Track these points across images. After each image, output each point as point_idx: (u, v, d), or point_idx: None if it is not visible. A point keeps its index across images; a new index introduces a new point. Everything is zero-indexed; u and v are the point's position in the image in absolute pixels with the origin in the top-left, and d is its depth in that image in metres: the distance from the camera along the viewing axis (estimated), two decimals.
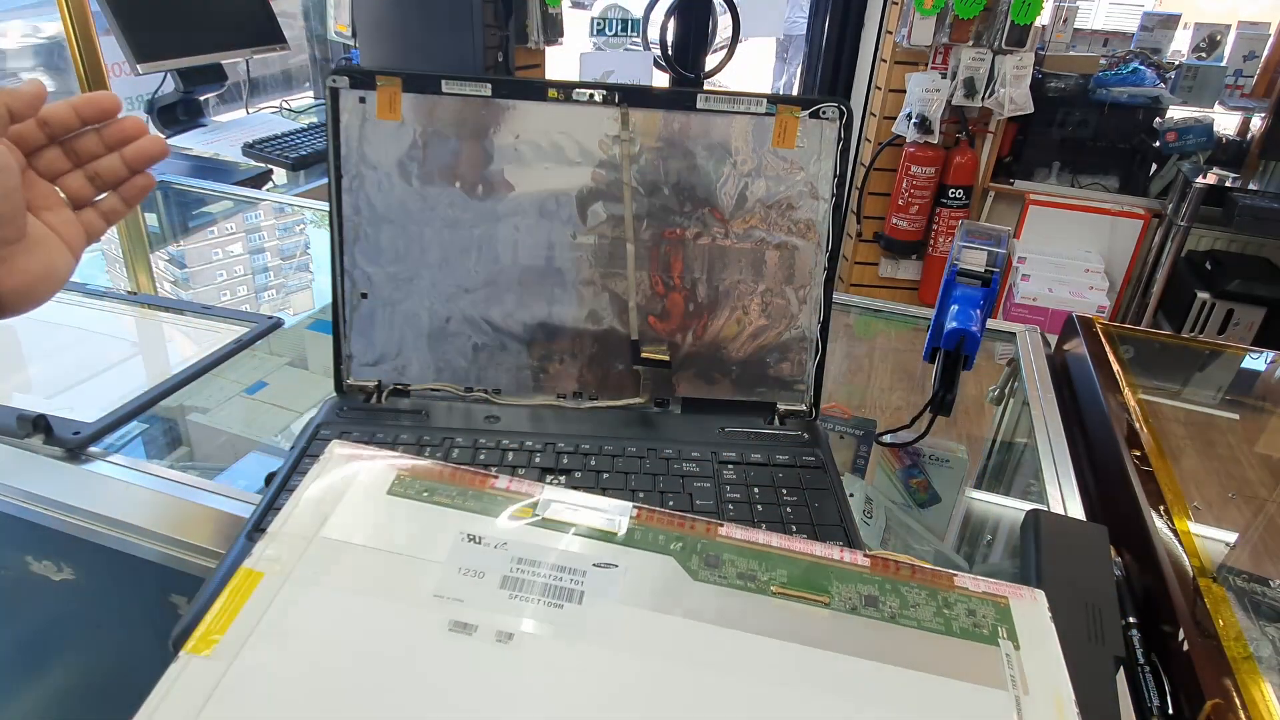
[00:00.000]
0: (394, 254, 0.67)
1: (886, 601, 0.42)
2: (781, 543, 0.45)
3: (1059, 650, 0.40)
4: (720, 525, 0.45)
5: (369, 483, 0.45)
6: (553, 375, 0.70)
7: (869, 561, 0.44)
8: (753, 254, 0.68)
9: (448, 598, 0.39)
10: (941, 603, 0.42)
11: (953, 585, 0.43)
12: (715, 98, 0.64)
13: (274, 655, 0.35)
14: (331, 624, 0.37)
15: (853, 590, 0.42)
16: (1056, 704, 0.37)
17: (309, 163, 1.78)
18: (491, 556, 0.41)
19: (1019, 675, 0.39)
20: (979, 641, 0.40)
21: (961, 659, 0.39)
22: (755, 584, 0.42)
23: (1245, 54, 2.78)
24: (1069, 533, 0.60)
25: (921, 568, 0.44)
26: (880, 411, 0.94)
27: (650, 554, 0.43)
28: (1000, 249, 0.73)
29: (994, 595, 0.43)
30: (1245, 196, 2.50)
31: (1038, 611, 0.42)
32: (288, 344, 0.99)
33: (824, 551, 0.44)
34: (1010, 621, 0.42)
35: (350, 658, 0.36)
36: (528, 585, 0.40)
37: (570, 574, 0.41)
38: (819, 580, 0.43)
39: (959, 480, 0.79)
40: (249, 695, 0.34)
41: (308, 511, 0.42)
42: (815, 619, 0.40)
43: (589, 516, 0.44)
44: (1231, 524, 0.71)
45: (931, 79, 2.65)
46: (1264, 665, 0.52)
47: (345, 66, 1.69)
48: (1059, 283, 2.75)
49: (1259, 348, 1.09)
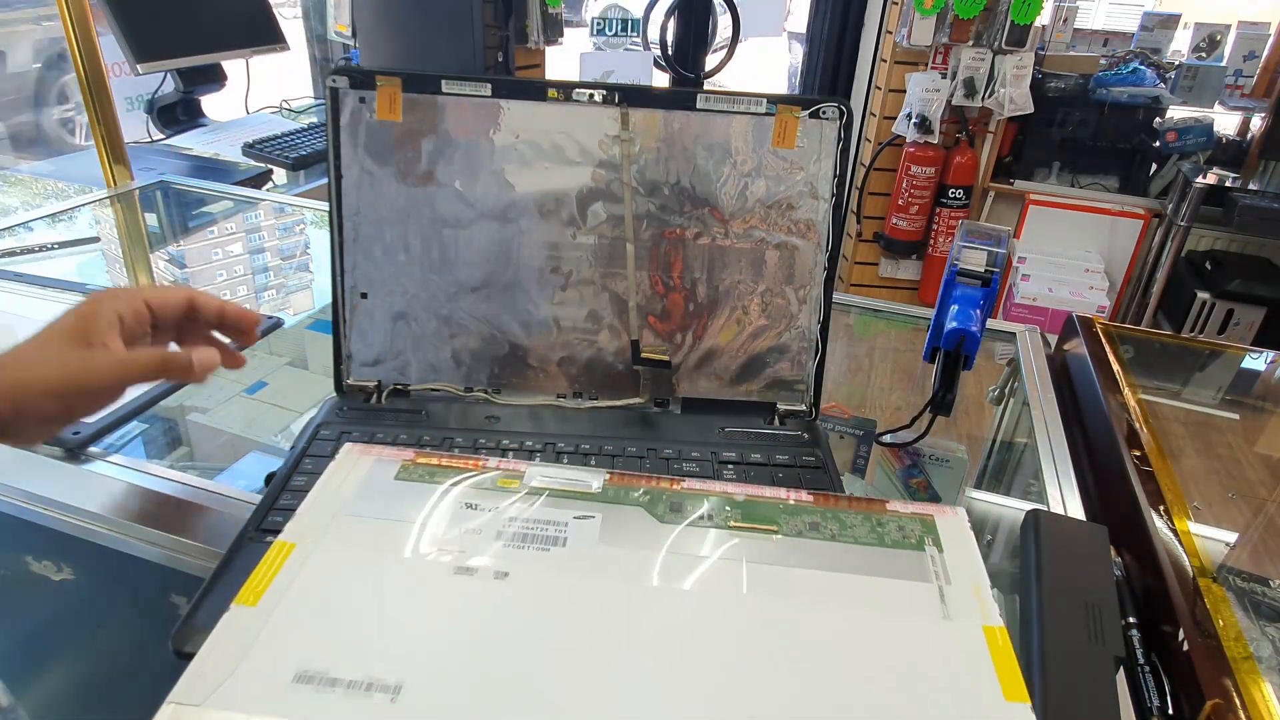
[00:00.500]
0: (394, 254, 0.67)
1: (827, 526, 0.50)
2: (735, 489, 0.52)
3: (977, 551, 0.48)
4: (682, 480, 0.53)
5: (379, 471, 0.52)
6: (553, 375, 0.70)
7: (812, 498, 0.52)
8: (753, 254, 0.68)
9: (452, 550, 0.46)
10: (875, 523, 0.50)
11: (885, 510, 0.51)
12: (715, 98, 0.64)
13: (309, 601, 0.42)
14: (356, 576, 0.44)
15: (798, 520, 0.50)
16: (974, 590, 0.45)
17: (309, 163, 1.78)
18: (487, 518, 0.49)
19: (942, 571, 0.47)
20: (908, 549, 0.48)
21: (893, 563, 0.47)
22: (713, 522, 0.49)
23: (1245, 54, 2.78)
24: (1069, 533, 0.60)
25: (857, 498, 0.52)
26: (880, 411, 0.94)
27: (622, 506, 0.50)
28: (1000, 249, 0.73)
29: (920, 514, 0.51)
30: (1245, 196, 2.50)
31: (958, 523, 0.50)
32: (288, 344, 0.99)
33: (772, 493, 0.52)
34: (935, 533, 0.49)
35: (373, 599, 0.42)
36: (519, 536, 0.47)
37: (554, 525, 0.48)
38: (769, 515, 0.50)
39: (959, 480, 0.79)
40: (290, 633, 0.40)
41: (327, 496, 0.50)
42: (767, 544, 0.48)
43: (568, 483, 0.52)
44: (1231, 524, 0.71)
45: (931, 79, 2.65)
46: (1264, 665, 0.52)
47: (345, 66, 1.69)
48: (1059, 283, 2.75)
49: (1259, 348, 1.09)
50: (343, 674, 0.38)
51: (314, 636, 0.40)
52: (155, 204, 1.40)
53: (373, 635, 0.40)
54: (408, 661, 0.39)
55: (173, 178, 1.46)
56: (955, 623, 0.43)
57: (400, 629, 0.41)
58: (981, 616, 0.43)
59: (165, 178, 1.44)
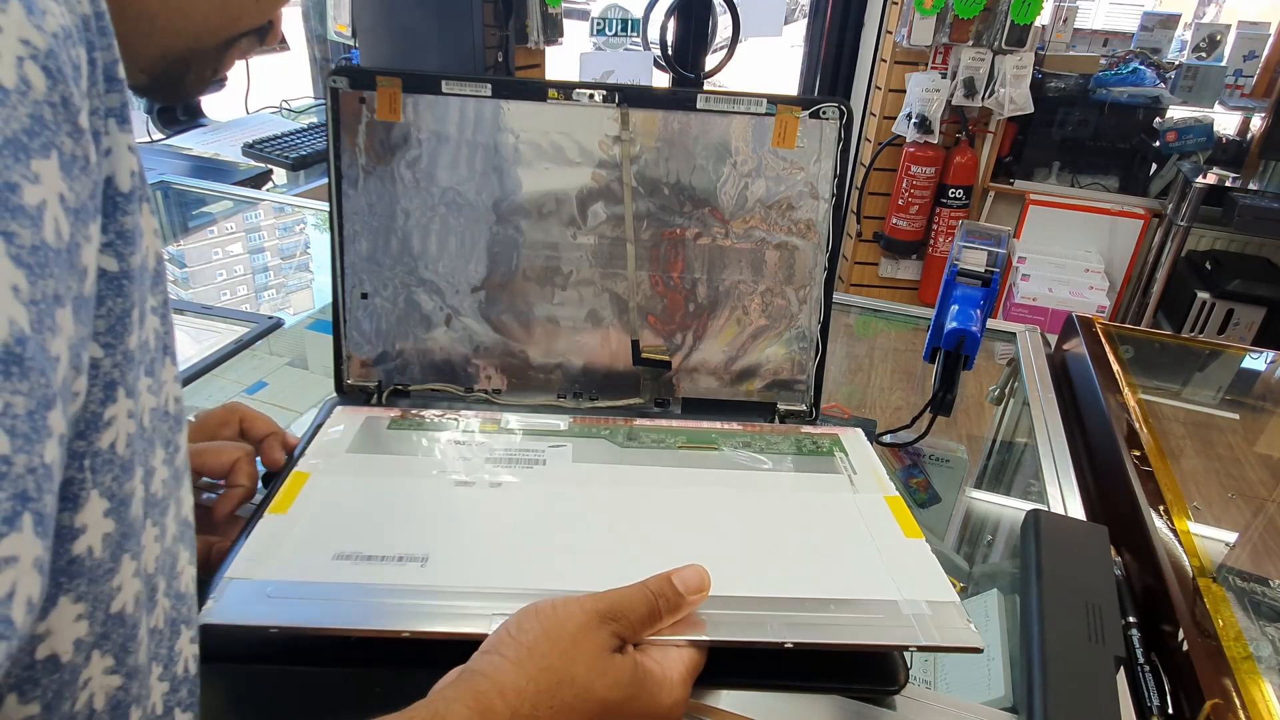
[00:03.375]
0: (394, 254, 0.67)
1: (757, 444, 0.62)
2: (681, 423, 0.65)
3: (874, 454, 0.61)
4: (636, 418, 0.65)
5: (371, 424, 0.60)
6: (553, 375, 0.70)
7: (742, 427, 0.65)
8: (753, 254, 0.68)
9: (449, 471, 0.54)
10: (795, 440, 0.64)
11: (801, 432, 0.65)
12: (715, 98, 0.64)
13: (333, 508, 0.49)
14: (368, 491, 0.51)
15: (734, 440, 0.63)
16: (875, 475, 0.58)
17: (309, 163, 1.77)
18: (475, 449, 0.58)
19: (849, 466, 0.60)
20: (822, 455, 0.62)
21: (811, 464, 0.60)
22: (664, 445, 0.61)
23: (1245, 54, 2.78)
24: (1069, 533, 0.60)
25: (780, 426, 0.67)
26: (880, 411, 0.94)
27: (588, 439, 0.61)
28: (1000, 249, 0.73)
29: (829, 434, 0.65)
30: (1245, 196, 2.50)
31: (858, 437, 0.64)
32: (288, 344, 0.99)
33: (709, 425, 0.65)
34: (841, 445, 0.63)
35: (389, 505, 0.50)
36: (504, 460, 0.56)
37: (533, 451, 0.58)
38: (710, 439, 0.63)
39: (959, 480, 0.79)
40: (323, 529, 0.47)
41: (330, 440, 0.57)
42: (708, 457, 0.60)
43: (540, 424, 0.62)
44: (1231, 524, 0.71)
45: (931, 79, 2.65)
46: (1264, 665, 0.52)
47: (345, 66, 1.69)
48: (1059, 283, 2.75)
49: (1259, 348, 1.09)
50: (376, 552, 0.44)
51: (343, 531, 0.46)
52: (155, 204, 1.40)
53: (395, 527, 0.47)
54: (429, 541, 0.46)
55: (173, 178, 1.46)
56: (862, 495, 0.56)
57: (418, 522, 0.48)
58: (882, 490, 0.56)
59: (165, 178, 1.44)
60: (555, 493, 0.52)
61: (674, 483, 0.55)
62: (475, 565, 0.44)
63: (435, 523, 0.48)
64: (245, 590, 0.40)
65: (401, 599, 0.41)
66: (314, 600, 0.40)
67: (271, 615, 0.39)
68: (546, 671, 0.36)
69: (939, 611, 0.43)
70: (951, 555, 0.79)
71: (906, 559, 0.48)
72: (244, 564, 0.42)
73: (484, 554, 0.45)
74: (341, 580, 0.41)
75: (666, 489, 0.54)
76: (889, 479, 0.57)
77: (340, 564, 0.43)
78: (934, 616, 0.43)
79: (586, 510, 0.51)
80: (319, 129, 1.94)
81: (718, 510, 0.52)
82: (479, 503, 0.50)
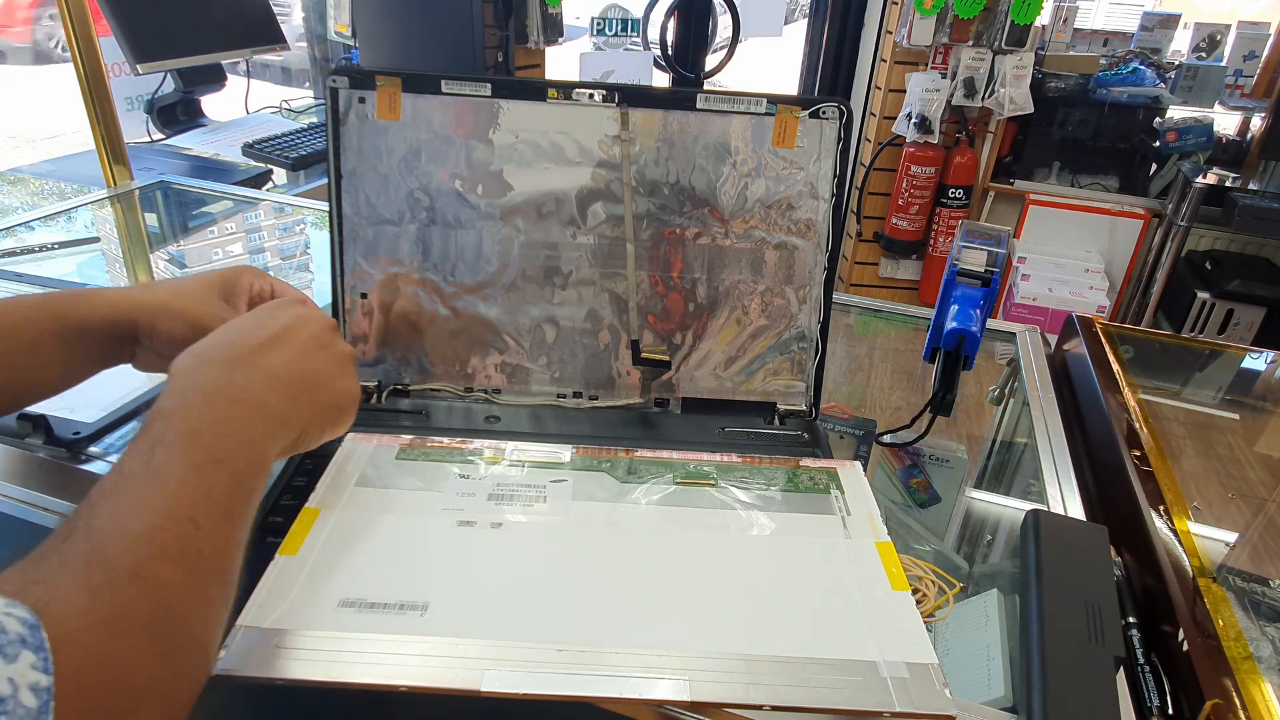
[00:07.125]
0: (394, 254, 0.67)
1: (755, 479, 0.62)
2: (680, 455, 0.63)
3: (870, 493, 0.61)
4: (636, 450, 0.63)
5: (381, 454, 0.61)
6: (553, 375, 0.70)
7: (741, 459, 0.64)
8: (752, 254, 0.68)
9: (452, 509, 0.56)
10: (791, 474, 0.63)
11: (799, 465, 0.64)
12: (715, 98, 0.64)
13: (339, 550, 0.51)
14: (375, 530, 0.53)
15: (732, 475, 0.62)
16: (869, 519, 0.58)
17: (309, 163, 1.77)
18: (478, 484, 0.58)
19: (843, 506, 0.59)
20: (817, 492, 0.61)
21: (806, 501, 0.60)
22: (664, 480, 0.61)
23: (1245, 54, 2.78)
24: (1069, 533, 0.60)
25: (778, 457, 0.65)
26: (880, 411, 0.94)
27: (589, 472, 0.61)
28: (1000, 249, 0.73)
29: (826, 467, 0.64)
30: (1245, 196, 2.50)
31: (856, 473, 0.63)
32: None
33: (709, 456, 0.64)
34: (838, 480, 0.62)
35: (392, 547, 0.52)
36: (506, 497, 0.57)
37: (535, 488, 0.58)
38: (708, 473, 0.62)
39: (959, 480, 0.79)
40: (328, 573, 0.49)
41: (340, 474, 0.58)
42: (707, 492, 0.60)
43: (543, 456, 0.62)
44: (1231, 524, 0.71)
45: (931, 79, 2.65)
46: (1264, 665, 0.52)
47: (345, 66, 1.69)
48: (1059, 283, 2.75)
49: (1259, 348, 1.09)
50: (379, 599, 0.47)
51: (349, 576, 0.48)
52: (155, 204, 1.40)
53: (397, 572, 0.49)
54: (430, 588, 0.48)
55: (173, 178, 1.46)
56: (854, 540, 0.56)
57: (419, 567, 0.50)
58: (874, 535, 0.56)
59: (165, 178, 1.44)
60: (551, 536, 0.54)
61: (668, 524, 0.56)
62: (470, 616, 0.46)
63: (436, 567, 0.50)
64: (255, 639, 0.43)
65: (401, 650, 0.44)
66: (318, 653, 0.43)
67: (278, 668, 0.42)
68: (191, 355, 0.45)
69: (916, 675, 0.44)
70: (951, 555, 0.79)
71: (890, 614, 0.49)
72: (256, 610, 0.45)
73: (479, 604, 0.48)
74: (345, 632, 0.44)
75: (659, 532, 0.55)
76: (881, 523, 0.57)
77: (344, 613, 0.46)
78: (911, 680, 0.44)
79: (578, 557, 0.52)
80: (319, 129, 1.94)
81: (708, 555, 0.53)
82: (479, 545, 0.52)
